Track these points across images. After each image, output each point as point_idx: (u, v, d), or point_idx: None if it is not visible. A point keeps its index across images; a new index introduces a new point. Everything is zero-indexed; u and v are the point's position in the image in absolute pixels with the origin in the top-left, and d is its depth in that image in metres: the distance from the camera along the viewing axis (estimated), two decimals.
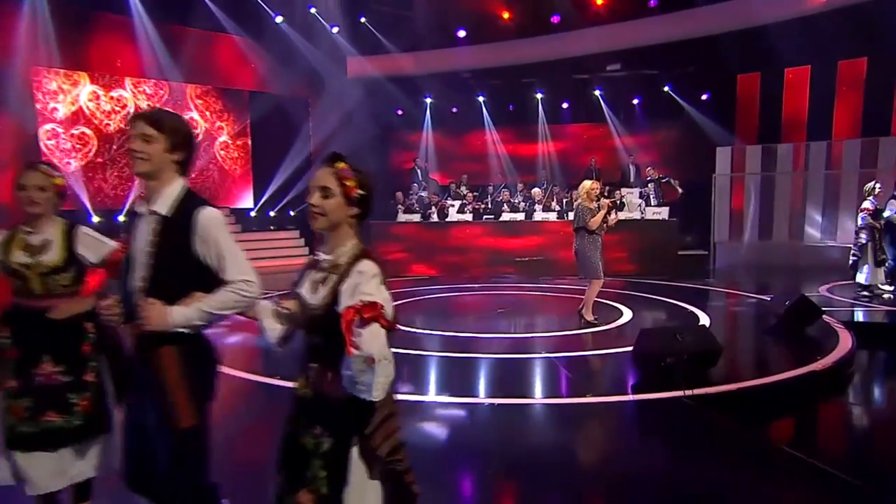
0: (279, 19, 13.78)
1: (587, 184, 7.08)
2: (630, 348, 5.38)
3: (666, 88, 15.42)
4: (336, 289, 1.89)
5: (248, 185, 15.21)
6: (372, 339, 1.70)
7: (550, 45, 14.77)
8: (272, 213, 14.69)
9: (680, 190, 12.00)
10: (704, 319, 7.18)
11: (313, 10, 14.21)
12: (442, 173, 16.35)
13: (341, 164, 1.99)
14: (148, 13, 12.59)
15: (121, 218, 12.37)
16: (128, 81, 13.35)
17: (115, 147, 13.14)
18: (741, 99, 14.34)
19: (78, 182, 12.50)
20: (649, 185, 12.89)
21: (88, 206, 12.58)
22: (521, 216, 12.46)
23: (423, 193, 14.27)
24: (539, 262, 11.55)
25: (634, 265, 11.36)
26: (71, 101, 12.57)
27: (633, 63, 15.08)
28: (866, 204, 8.60)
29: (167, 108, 4.17)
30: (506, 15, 15.07)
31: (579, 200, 7.15)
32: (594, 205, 7.03)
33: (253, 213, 14.43)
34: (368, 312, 1.72)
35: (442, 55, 15.43)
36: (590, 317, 7.14)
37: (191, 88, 14.10)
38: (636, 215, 12.03)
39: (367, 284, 1.82)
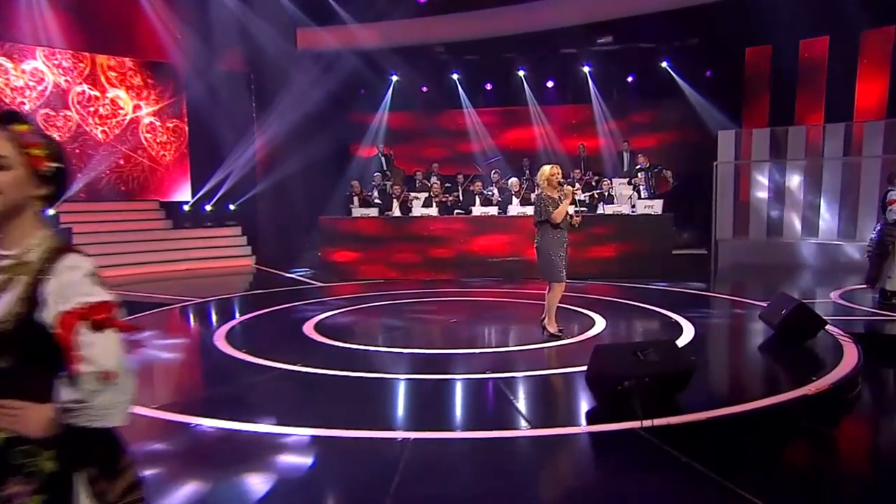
0: None
1: (546, 169, 6.66)
2: None
3: (664, 64, 15.12)
4: (31, 293, 1.60)
5: (185, 174, 14.74)
6: (107, 349, 1.57)
7: (533, 15, 14.40)
8: (208, 208, 14.21)
9: (671, 181, 11.67)
10: (689, 331, 6.82)
11: None
12: (409, 163, 15.94)
13: (22, 127, 1.64)
14: None
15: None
16: (39, 52, 12.84)
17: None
18: (749, 76, 14.01)
19: None
20: (640, 174, 12.56)
21: None
22: (494, 210, 12.05)
23: (388, 184, 13.89)
24: (513, 263, 11.12)
25: (621, 266, 11.01)
26: None
27: (627, 35, 14.76)
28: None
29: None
30: None
31: (539, 189, 6.73)
32: (557, 193, 6.61)
33: (186, 208, 13.93)
34: (99, 314, 1.57)
35: (409, 26, 15.03)
36: (553, 328, 6.74)
37: (104, 60, 13.58)
38: (625, 209, 11.67)
39: (84, 283, 1.61)
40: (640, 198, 12.29)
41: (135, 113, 14.01)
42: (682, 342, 6.27)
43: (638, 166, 12.86)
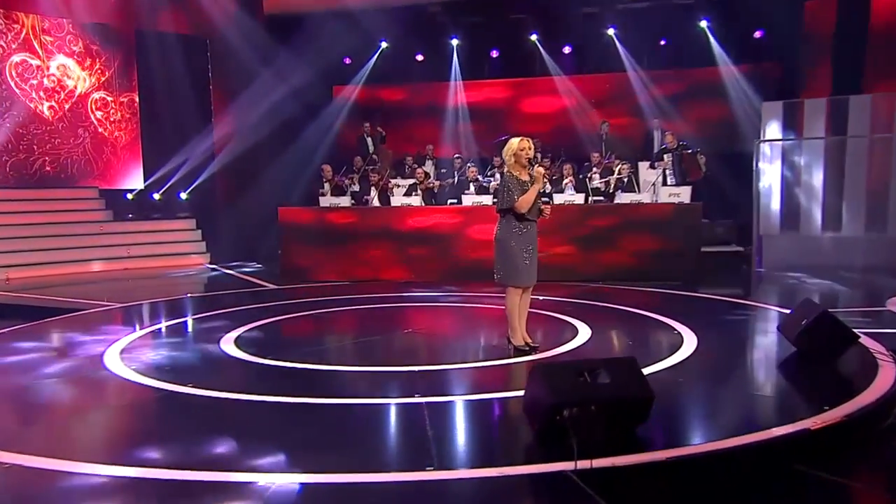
0: None
1: (514, 142, 6.12)
2: None
3: (703, 23, 14.60)
4: None
5: (137, 157, 14.51)
6: None
7: None
8: (157, 196, 13.95)
9: (703, 168, 11.12)
10: (689, 346, 6.28)
11: None
12: (402, 144, 15.55)
13: None
14: None
15: None
16: None
17: None
18: (810, 35, 13.31)
19: None
20: (665, 157, 12.01)
21: None
22: (488, 199, 11.57)
23: (369, 168, 13.53)
24: None
25: (638, 267, 10.47)
26: None
27: None
28: None
29: None
30: None
31: (506, 168, 6.22)
32: (526, 175, 6.10)
33: (130, 196, 13.70)
34: None
35: None
36: (518, 341, 6.23)
37: (37, 20, 13.38)
38: (644, 197, 11.13)
39: None
40: (664, 184, 11.76)
41: (79, 85, 13.82)
42: (671, 360, 5.80)
43: (664, 147, 12.26)
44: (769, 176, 12.05)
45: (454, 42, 15.95)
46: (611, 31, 15.14)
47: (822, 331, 5.63)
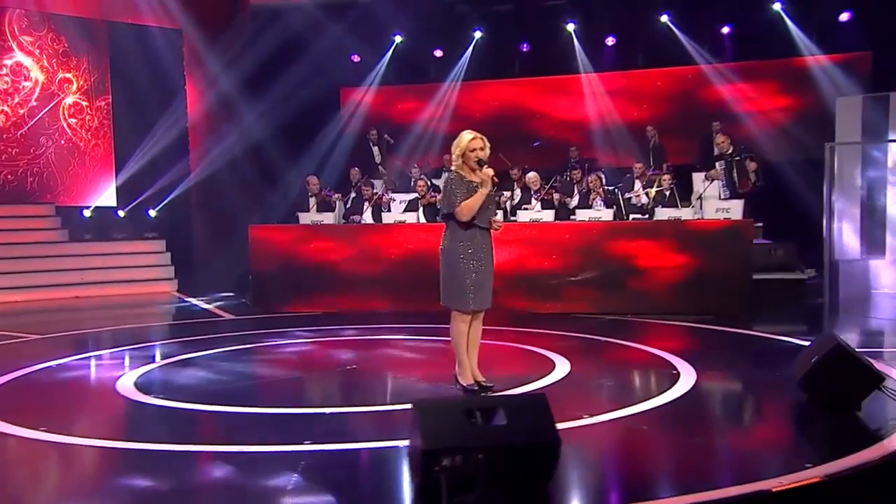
0: None
1: (464, 138, 5.88)
2: None
3: (776, 6, 14.17)
4: None
5: (108, 169, 14.70)
6: None
7: None
8: (121, 214, 14.16)
9: (753, 179, 10.70)
10: (683, 386, 6.03)
11: None
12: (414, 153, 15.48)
13: None
14: None
15: None
16: None
17: None
18: None
19: None
20: (718, 164, 11.59)
21: None
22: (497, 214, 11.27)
23: (373, 182, 13.51)
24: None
25: (671, 294, 10.03)
26: None
27: None
28: None
29: None
30: None
31: (454, 167, 5.95)
32: (477, 178, 5.85)
33: (87, 213, 13.87)
34: None
35: None
36: (468, 379, 5.89)
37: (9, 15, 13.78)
38: (687, 213, 10.74)
39: None
40: (720, 197, 11.33)
41: (50, 87, 14.15)
42: (647, 404, 5.52)
43: (717, 155, 11.80)
44: (845, 189, 11.45)
45: (477, 35, 15.79)
46: (664, 18, 14.74)
47: (833, 370, 5.14)
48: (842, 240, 11.53)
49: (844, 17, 13.96)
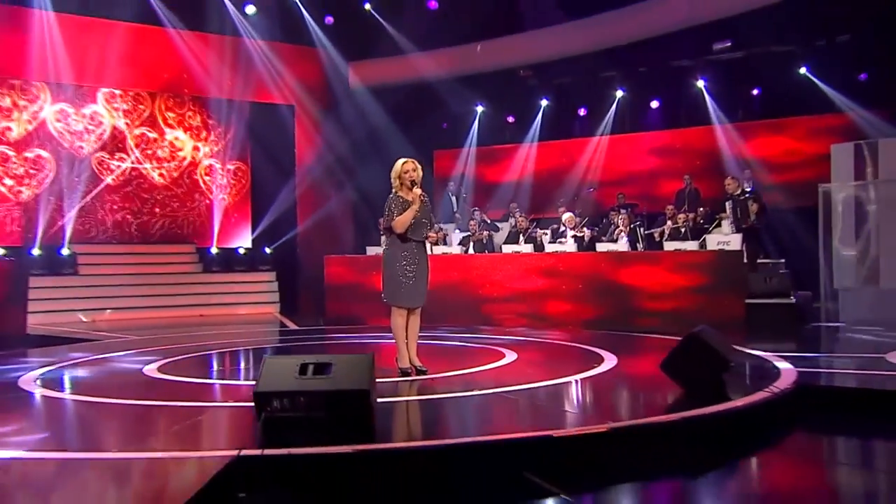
0: (250, 10, 14.60)
1: (398, 164, 6.24)
2: None
3: (803, 70, 13.60)
4: None
5: (246, 219, 15.98)
6: None
7: (637, 19, 13.82)
8: (241, 251, 15.19)
9: (753, 218, 10.45)
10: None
11: None
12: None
13: None
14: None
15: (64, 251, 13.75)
16: (100, 95, 14.85)
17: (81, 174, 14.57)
18: None
19: (30, 211, 14.02)
20: (727, 204, 11.30)
21: (39, 238, 13.99)
22: (527, 248, 11.61)
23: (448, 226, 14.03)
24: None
25: (671, 319, 9.72)
26: (28, 119, 14.24)
27: (751, 37, 13.57)
28: None
29: None
30: None
31: (393, 189, 6.34)
32: (410, 196, 6.20)
33: (214, 250, 15.01)
34: None
35: (495, 46, 15.14)
36: (405, 363, 6.18)
37: (160, 100, 15.28)
38: (691, 245, 10.65)
39: None
40: (732, 232, 11.10)
41: (193, 154, 15.58)
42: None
43: (728, 196, 11.51)
44: (841, 221, 10.93)
45: (543, 103, 16.07)
46: (700, 83, 14.54)
47: (690, 356, 5.12)
48: (843, 269, 10.95)
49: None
